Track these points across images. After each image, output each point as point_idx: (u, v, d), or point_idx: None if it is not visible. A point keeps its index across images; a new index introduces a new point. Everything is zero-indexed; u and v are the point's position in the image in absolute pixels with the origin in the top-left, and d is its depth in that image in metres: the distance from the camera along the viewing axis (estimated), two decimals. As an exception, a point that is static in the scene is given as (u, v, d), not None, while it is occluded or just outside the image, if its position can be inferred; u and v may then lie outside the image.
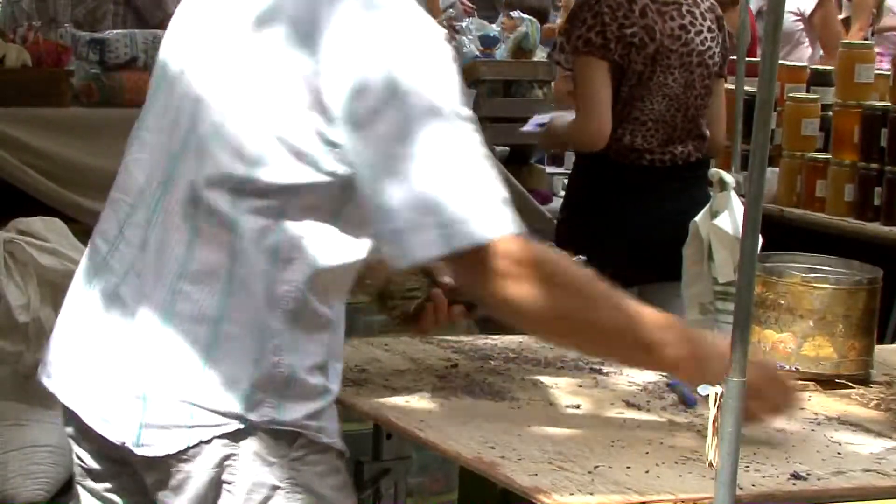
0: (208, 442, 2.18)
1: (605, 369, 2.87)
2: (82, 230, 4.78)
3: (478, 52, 6.10)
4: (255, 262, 2.16)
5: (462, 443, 2.35)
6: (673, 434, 2.47)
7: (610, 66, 4.21)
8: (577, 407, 2.59)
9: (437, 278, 2.61)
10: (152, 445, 2.19)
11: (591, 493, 2.14)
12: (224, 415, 2.18)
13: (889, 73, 5.43)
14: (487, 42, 6.14)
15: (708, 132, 4.41)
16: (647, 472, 2.25)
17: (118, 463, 2.31)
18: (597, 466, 2.26)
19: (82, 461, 2.37)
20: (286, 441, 2.21)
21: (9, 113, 4.79)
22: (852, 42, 7.06)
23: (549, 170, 6.48)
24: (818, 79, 5.73)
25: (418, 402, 2.58)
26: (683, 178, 4.32)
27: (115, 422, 2.22)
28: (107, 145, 4.91)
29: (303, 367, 2.20)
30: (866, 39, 8.19)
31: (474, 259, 2.12)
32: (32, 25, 5.37)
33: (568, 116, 4.51)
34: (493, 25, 6.38)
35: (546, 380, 2.76)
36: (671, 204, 4.20)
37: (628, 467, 2.26)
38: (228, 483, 2.20)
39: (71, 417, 2.33)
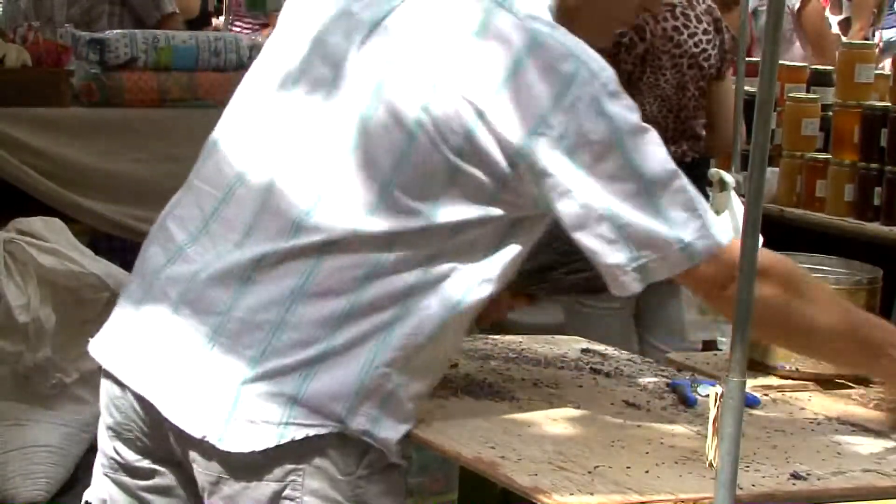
0: (300, 442, 2.15)
1: (605, 369, 2.87)
2: (82, 230, 4.79)
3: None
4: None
5: (462, 443, 2.35)
6: (673, 434, 2.47)
7: None
8: (578, 407, 2.59)
9: None
10: (237, 440, 2.15)
11: (591, 493, 2.14)
12: (322, 414, 2.17)
13: (890, 73, 5.44)
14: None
15: (704, 132, 4.41)
16: (647, 472, 2.25)
17: (165, 462, 2.28)
18: (597, 466, 2.26)
19: (118, 454, 2.33)
20: (356, 457, 2.21)
21: (9, 113, 4.80)
22: (853, 42, 7.06)
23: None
24: (818, 79, 5.73)
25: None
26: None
27: (197, 414, 2.17)
28: (107, 145, 4.92)
29: (408, 388, 2.23)
30: (867, 39, 8.19)
31: (713, 268, 2.21)
32: (32, 25, 5.37)
33: None
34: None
35: (546, 380, 2.76)
36: None
37: (628, 467, 2.26)
38: (291, 500, 2.18)
39: (116, 408, 2.30)
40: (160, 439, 2.26)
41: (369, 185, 2.18)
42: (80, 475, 4.46)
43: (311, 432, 2.16)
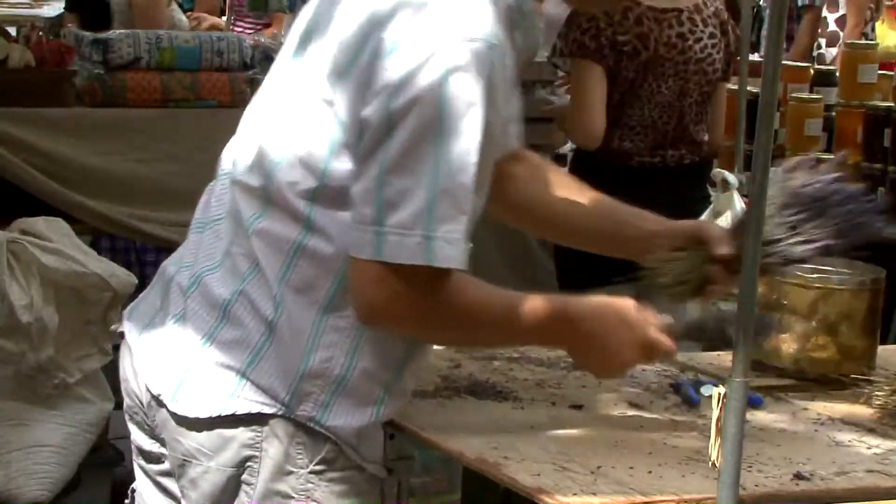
0: (241, 420, 2.19)
1: (608, 369, 2.87)
2: (85, 230, 4.79)
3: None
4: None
5: (465, 443, 2.35)
6: (676, 434, 2.47)
7: (604, 69, 4.21)
8: (580, 407, 2.59)
9: (712, 253, 2.50)
10: (188, 404, 2.22)
11: (594, 494, 2.14)
12: (269, 395, 2.20)
13: (892, 73, 5.43)
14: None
15: (705, 137, 4.40)
16: (650, 472, 2.25)
17: (165, 444, 2.33)
18: (600, 467, 2.26)
19: (136, 440, 2.40)
20: (312, 450, 2.22)
21: (12, 113, 4.79)
22: (855, 42, 7.06)
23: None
24: (821, 79, 5.72)
25: (421, 401, 2.58)
26: (674, 178, 4.29)
27: (157, 374, 2.26)
28: (109, 145, 4.92)
29: (359, 367, 2.22)
30: (864, 36, 8.19)
31: (404, 276, 2.12)
32: (35, 25, 5.37)
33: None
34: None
35: (549, 380, 2.76)
36: (662, 204, 4.18)
37: (631, 468, 2.26)
38: (248, 484, 2.22)
39: (131, 389, 2.36)
40: (153, 417, 2.32)
41: (303, 174, 2.22)
42: (83, 475, 4.46)
43: (256, 409, 2.20)
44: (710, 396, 2.19)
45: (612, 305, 2.38)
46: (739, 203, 4.43)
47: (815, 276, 2.93)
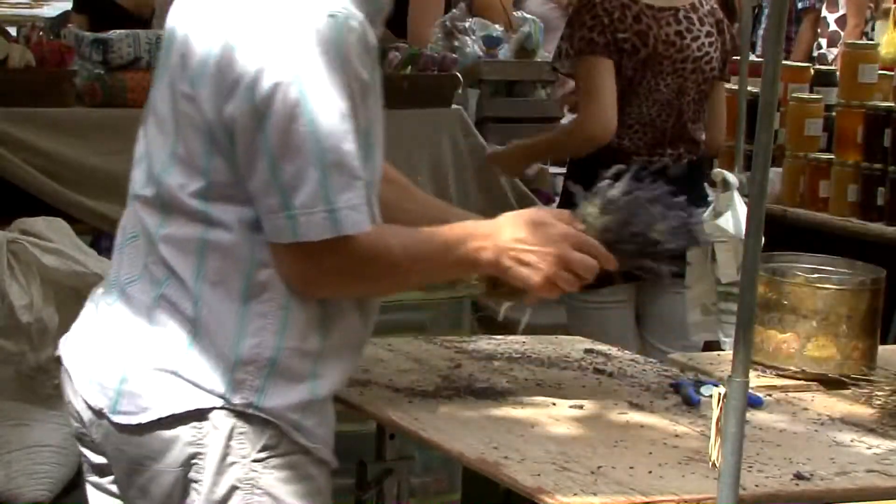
0: (181, 419, 2.21)
1: (608, 370, 2.87)
2: (85, 230, 4.79)
3: (481, 53, 6.10)
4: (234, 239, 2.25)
5: (465, 443, 2.35)
6: (676, 434, 2.47)
7: (614, 64, 4.21)
8: (581, 407, 2.59)
9: None
10: (128, 413, 2.24)
11: (595, 494, 2.14)
12: (205, 390, 2.23)
13: (892, 73, 5.43)
14: (490, 42, 6.13)
15: (705, 136, 4.38)
16: (650, 472, 2.25)
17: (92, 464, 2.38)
18: (600, 467, 2.26)
19: (87, 456, 2.40)
20: (253, 438, 2.23)
21: (12, 113, 4.79)
22: (856, 42, 7.06)
23: (553, 170, 6.47)
24: (821, 79, 5.72)
25: (422, 402, 2.58)
26: (673, 178, 4.27)
27: (97, 386, 2.28)
28: (109, 145, 4.91)
29: (287, 347, 2.23)
30: (865, 35, 8.19)
31: (340, 247, 2.20)
32: (36, 25, 5.37)
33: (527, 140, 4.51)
34: (496, 26, 6.38)
35: (549, 380, 2.76)
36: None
37: (631, 468, 2.27)
38: (196, 482, 2.25)
39: (74, 410, 2.37)
40: (96, 432, 2.34)
41: (188, 175, 2.28)
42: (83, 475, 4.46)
43: (194, 405, 2.23)
44: (711, 396, 2.19)
45: (526, 211, 2.46)
46: (740, 203, 4.42)
47: (815, 276, 2.94)
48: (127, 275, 2.34)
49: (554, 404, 2.60)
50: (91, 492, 2.43)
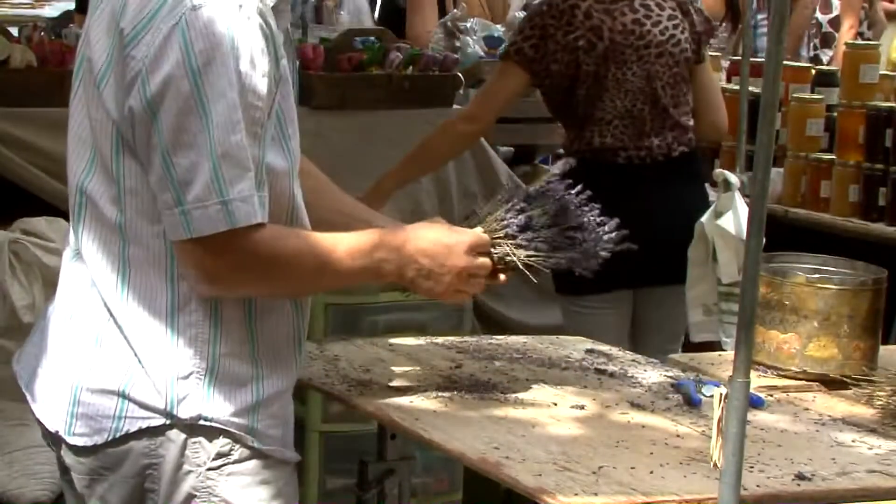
0: (132, 437, 2.22)
1: (609, 370, 2.87)
2: (87, 230, 4.79)
3: (482, 53, 6.10)
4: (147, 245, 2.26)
5: (466, 443, 2.35)
6: (677, 435, 2.47)
7: (531, 80, 4.20)
8: (582, 408, 2.59)
9: None
10: (82, 435, 2.25)
11: (596, 494, 2.14)
12: (151, 409, 2.23)
13: (893, 73, 5.43)
14: (492, 43, 6.14)
15: (691, 122, 4.31)
16: (651, 472, 2.25)
17: (60, 463, 2.37)
18: (601, 467, 2.26)
19: (59, 458, 2.40)
20: (206, 446, 2.24)
21: (14, 113, 4.79)
22: (857, 42, 7.05)
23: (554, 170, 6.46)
24: (823, 79, 5.72)
25: (423, 402, 2.58)
26: (664, 173, 4.23)
27: (51, 410, 2.30)
28: (111, 145, 4.90)
29: (223, 354, 2.24)
30: (860, 36, 8.18)
31: (234, 240, 2.18)
32: (38, 25, 5.37)
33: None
34: (498, 26, 6.38)
35: (550, 380, 2.76)
36: (654, 202, 4.13)
37: (633, 468, 2.26)
38: (151, 491, 2.25)
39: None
40: (56, 447, 2.37)
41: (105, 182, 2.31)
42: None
43: (144, 424, 2.23)
44: (712, 397, 2.19)
45: (427, 225, 2.46)
46: (741, 203, 4.42)
47: (817, 276, 2.94)
48: (71, 296, 2.34)
49: (555, 404, 2.60)
50: (66, 489, 2.43)
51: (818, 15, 8.61)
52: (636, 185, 4.14)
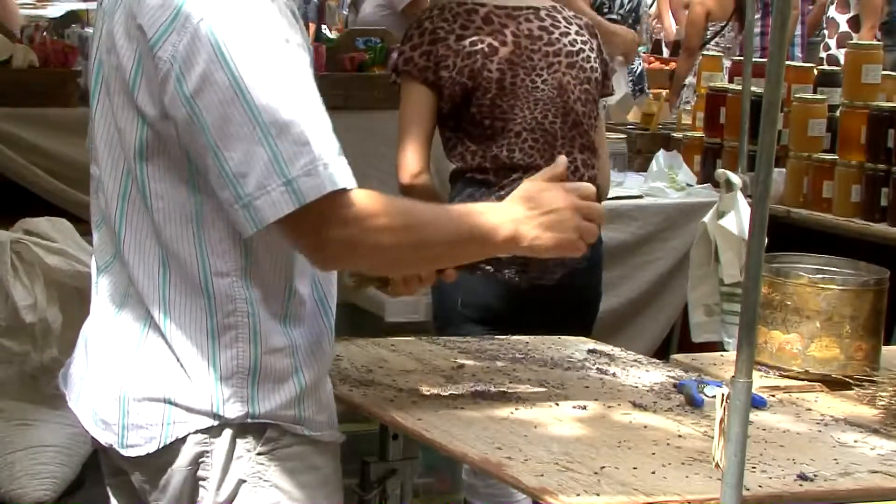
0: (183, 440, 2.23)
1: (611, 370, 2.87)
2: (89, 230, 4.79)
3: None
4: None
5: (469, 443, 2.35)
6: (679, 435, 2.47)
7: (429, 89, 3.80)
8: (584, 408, 2.59)
9: None
10: (136, 446, 2.25)
11: (598, 494, 2.14)
12: (198, 412, 2.23)
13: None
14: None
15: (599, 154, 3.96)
16: (653, 472, 2.25)
17: (111, 467, 2.38)
18: (603, 467, 2.26)
19: (105, 463, 2.42)
20: (256, 433, 2.24)
21: (16, 113, 4.80)
22: (859, 42, 7.06)
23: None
24: (825, 79, 5.72)
25: (425, 402, 2.58)
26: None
27: (101, 424, 2.29)
28: (113, 145, 4.90)
29: (264, 351, 2.23)
30: (876, 38, 8.19)
31: (319, 212, 2.13)
32: (40, 26, 5.38)
33: None
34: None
35: (552, 380, 2.76)
36: None
37: (635, 468, 2.26)
38: (203, 479, 2.25)
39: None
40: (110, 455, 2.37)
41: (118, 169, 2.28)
42: (86, 475, 4.46)
43: (193, 428, 2.23)
44: (714, 397, 2.19)
45: (519, 188, 2.38)
46: (743, 203, 4.42)
47: (819, 276, 2.94)
48: (107, 304, 2.33)
49: (557, 405, 2.61)
50: (114, 493, 2.44)
51: (835, 14, 8.60)
52: None
